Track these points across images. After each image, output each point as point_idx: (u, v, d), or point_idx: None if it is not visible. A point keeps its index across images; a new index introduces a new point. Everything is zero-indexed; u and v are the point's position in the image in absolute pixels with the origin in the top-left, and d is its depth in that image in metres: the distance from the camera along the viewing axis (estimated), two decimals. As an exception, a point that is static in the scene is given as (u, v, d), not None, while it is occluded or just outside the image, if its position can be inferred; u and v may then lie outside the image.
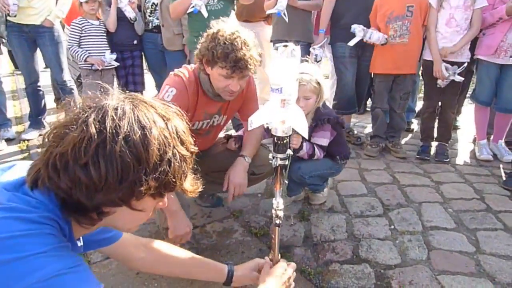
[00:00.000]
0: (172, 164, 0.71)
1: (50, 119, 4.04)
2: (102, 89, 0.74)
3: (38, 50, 3.57)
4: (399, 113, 3.10)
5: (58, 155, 0.65)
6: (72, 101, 0.72)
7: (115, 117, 0.66)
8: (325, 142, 2.11)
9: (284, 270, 1.10)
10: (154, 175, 0.68)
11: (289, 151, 1.05)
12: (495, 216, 2.17)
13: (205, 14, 2.86)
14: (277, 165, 1.05)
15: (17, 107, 4.77)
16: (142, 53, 3.83)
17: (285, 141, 1.02)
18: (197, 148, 0.80)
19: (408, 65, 2.92)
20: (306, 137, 1.05)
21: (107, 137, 0.64)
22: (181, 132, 0.74)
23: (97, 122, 0.65)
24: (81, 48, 3.46)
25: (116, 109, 0.68)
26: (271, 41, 3.51)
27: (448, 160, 2.95)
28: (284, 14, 3.01)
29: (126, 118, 0.67)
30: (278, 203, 1.11)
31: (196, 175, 0.85)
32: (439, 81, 2.85)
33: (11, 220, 0.63)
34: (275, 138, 1.02)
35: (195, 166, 0.81)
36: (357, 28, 2.80)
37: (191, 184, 0.83)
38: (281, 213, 1.11)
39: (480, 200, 2.35)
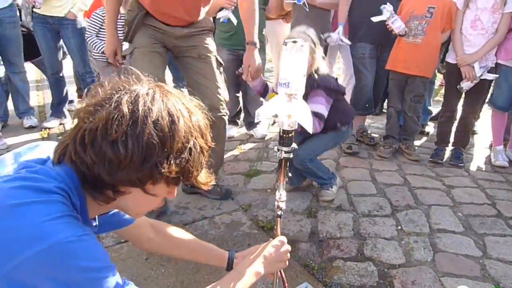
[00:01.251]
0: (192, 154, 0.75)
1: (71, 108, 4.18)
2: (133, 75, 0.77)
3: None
4: (411, 116, 3.07)
5: (88, 130, 0.68)
6: (104, 83, 0.76)
7: (147, 101, 0.70)
8: (321, 109, 2.02)
9: (281, 243, 1.11)
10: (176, 161, 0.72)
11: (294, 145, 1.08)
12: (506, 222, 2.15)
13: (234, 21, 2.92)
14: (282, 157, 1.09)
15: (40, 97, 4.94)
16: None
17: (290, 135, 1.05)
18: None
19: (418, 66, 2.86)
20: (311, 132, 1.07)
21: (139, 118, 0.68)
22: (203, 126, 0.78)
23: (130, 103, 0.69)
24: (99, 39, 3.54)
25: (148, 94, 0.72)
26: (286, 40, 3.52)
27: (462, 164, 2.92)
28: (304, 3, 3.03)
29: (157, 104, 0.71)
30: (281, 195, 1.14)
31: (210, 170, 0.88)
32: (463, 85, 2.78)
33: (25, 189, 0.67)
34: (281, 131, 1.05)
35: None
36: (386, 8, 2.74)
37: (205, 177, 0.86)
38: (283, 205, 1.14)
39: (492, 205, 2.33)
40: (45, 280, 0.65)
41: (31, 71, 4.71)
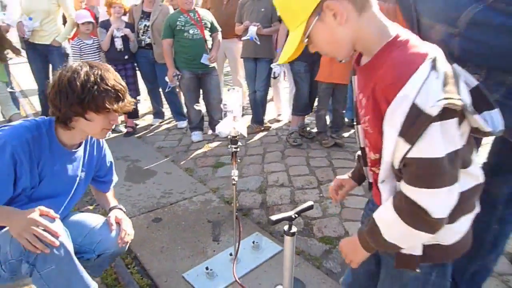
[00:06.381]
0: (94, 93, 1.39)
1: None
2: None
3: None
4: (341, 112, 4.03)
5: (51, 91, 1.43)
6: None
7: (69, 71, 1.42)
8: None
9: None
10: (82, 98, 1.38)
11: (239, 143, 1.93)
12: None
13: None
14: (232, 151, 1.93)
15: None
16: (136, 65, 4.62)
17: (236, 138, 1.90)
18: None
19: (346, 76, 3.81)
20: (245, 135, 1.93)
21: (62, 81, 1.40)
22: (107, 77, 1.44)
23: (61, 74, 1.44)
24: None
25: (76, 68, 1.43)
26: (241, 57, 4.38)
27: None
28: (255, 38, 3.91)
29: (72, 71, 1.41)
30: (234, 173, 1.99)
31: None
32: None
33: (21, 123, 1.48)
34: (231, 137, 1.90)
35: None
36: None
37: (118, 107, 1.48)
38: (236, 178, 1.99)
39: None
40: None
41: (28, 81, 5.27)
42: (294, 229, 1.53)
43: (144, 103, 5.53)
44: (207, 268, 2.12)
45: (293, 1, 0.87)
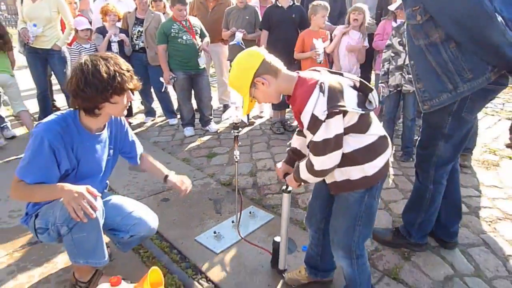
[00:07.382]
0: (117, 78, 1.63)
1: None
2: None
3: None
4: None
5: (71, 90, 1.67)
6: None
7: (92, 64, 1.63)
8: None
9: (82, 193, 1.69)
10: (110, 84, 1.62)
11: (240, 129, 2.42)
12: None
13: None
14: (235, 135, 2.42)
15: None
16: (129, 67, 5.00)
17: (238, 124, 2.39)
18: None
19: None
20: (247, 123, 2.42)
21: (88, 75, 1.61)
22: (119, 63, 1.68)
23: (87, 66, 1.62)
24: None
25: (92, 61, 1.64)
26: (228, 60, 4.87)
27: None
28: (241, 43, 4.41)
29: (95, 65, 1.62)
30: (236, 153, 2.47)
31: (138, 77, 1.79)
32: None
33: (52, 117, 1.74)
34: (234, 123, 2.39)
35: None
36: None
37: (134, 85, 1.74)
38: (238, 157, 2.48)
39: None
40: None
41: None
42: (290, 188, 2.03)
43: (134, 103, 5.90)
44: (214, 232, 2.60)
45: (237, 83, 1.56)
